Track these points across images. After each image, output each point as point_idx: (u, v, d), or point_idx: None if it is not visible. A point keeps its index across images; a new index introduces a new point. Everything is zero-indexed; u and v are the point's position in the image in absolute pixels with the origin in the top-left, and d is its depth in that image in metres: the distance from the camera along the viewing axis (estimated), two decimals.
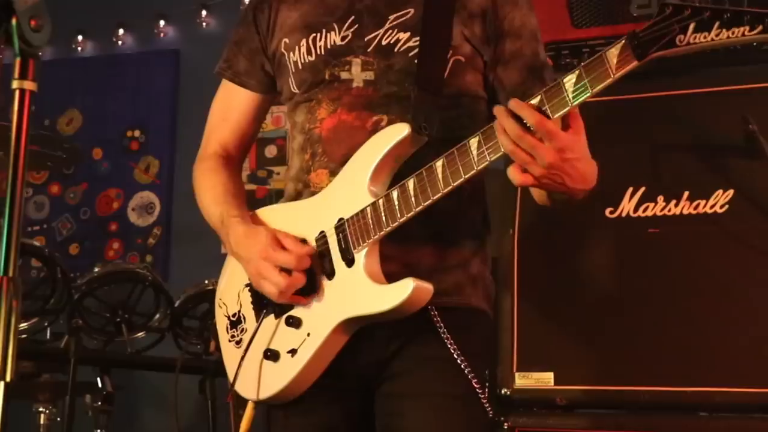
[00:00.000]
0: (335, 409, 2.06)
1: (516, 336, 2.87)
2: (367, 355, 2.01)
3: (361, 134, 2.00)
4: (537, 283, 2.88)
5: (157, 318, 3.86)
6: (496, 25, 2.06)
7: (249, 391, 2.07)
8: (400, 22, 2.04)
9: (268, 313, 2.06)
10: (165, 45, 5.36)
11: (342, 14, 2.08)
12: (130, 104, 5.33)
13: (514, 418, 2.82)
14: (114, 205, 5.31)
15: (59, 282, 3.55)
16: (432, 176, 1.87)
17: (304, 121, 2.11)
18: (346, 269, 1.96)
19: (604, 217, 2.83)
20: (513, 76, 2.07)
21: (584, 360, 2.79)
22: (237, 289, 2.14)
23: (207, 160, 2.25)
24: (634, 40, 1.67)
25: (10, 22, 1.24)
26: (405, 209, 1.89)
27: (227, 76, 2.26)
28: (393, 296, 1.89)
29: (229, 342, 2.15)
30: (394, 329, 1.97)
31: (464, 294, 2.05)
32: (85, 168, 5.36)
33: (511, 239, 2.92)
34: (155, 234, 5.18)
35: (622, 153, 2.84)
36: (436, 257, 2.01)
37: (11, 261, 1.21)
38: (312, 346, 1.98)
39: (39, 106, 5.50)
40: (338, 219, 1.98)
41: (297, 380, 2.00)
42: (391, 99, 2.02)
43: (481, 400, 2.01)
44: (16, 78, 1.28)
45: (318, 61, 2.08)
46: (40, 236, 5.36)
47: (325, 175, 2.05)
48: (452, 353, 1.98)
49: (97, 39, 5.54)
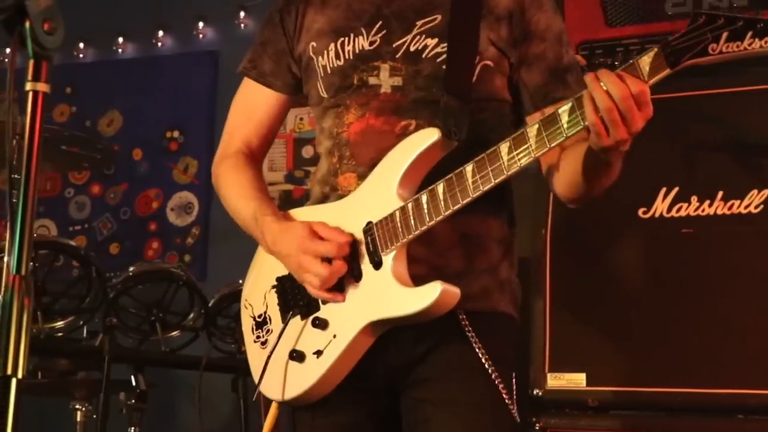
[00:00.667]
0: (361, 411, 2.07)
1: (548, 336, 2.87)
2: (394, 358, 2.01)
3: (390, 138, 2.01)
4: (569, 284, 2.87)
5: (191, 317, 3.89)
6: (522, 27, 2.07)
7: (274, 391, 2.08)
8: (427, 28, 2.06)
9: (295, 315, 2.07)
10: (204, 46, 5.39)
11: (369, 19, 2.10)
12: (170, 105, 5.37)
13: (546, 419, 2.82)
14: (153, 205, 5.35)
15: (95, 281, 3.60)
16: (462, 181, 1.88)
17: (332, 126, 2.13)
18: (373, 272, 1.97)
19: (637, 217, 2.82)
20: (536, 77, 2.08)
21: (616, 361, 2.78)
22: (263, 290, 2.16)
23: (230, 157, 2.27)
24: (667, 48, 1.69)
25: (24, 25, 1.26)
26: (434, 213, 1.90)
27: (252, 75, 2.28)
28: (420, 299, 1.89)
29: (254, 342, 2.17)
30: (420, 332, 1.98)
31: (492, 299, 2.06)
32: (126, 168, 5.41)
33: (544, 239, 2.92)
34: (194, 234, 5.22)
35: (655, 153, 2.83)
36: (465, 261, 2.02)
37: (23, 260, 1.22)
38: (338, 347, 1.99)
39: (80, 108, 5.58)
40: (366, 222, 1.99)
41: (322, 381, 2.01)
42: (419, 104, 2.03)
43: (509, 406, 2.01)
44: (30, 80, 1.30)
45: (346, 65, 2.10)
46: (81, 236, 5.42)
47: (353, 179, 2.07)
48: (480, 358, 1.99)
49: (137, 41, 5.58)
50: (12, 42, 1.27)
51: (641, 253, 2.83)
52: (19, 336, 1.20)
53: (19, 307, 1.22)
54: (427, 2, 2.08)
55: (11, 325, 1.22)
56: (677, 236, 2.77)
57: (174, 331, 3.88)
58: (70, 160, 3.68)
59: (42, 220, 5.51)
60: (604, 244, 2.87)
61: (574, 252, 2.89)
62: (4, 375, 1.21)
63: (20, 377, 1.22)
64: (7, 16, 1.25)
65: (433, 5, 2.07)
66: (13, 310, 1.22)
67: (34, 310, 3.45)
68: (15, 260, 1.23)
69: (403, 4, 2.09)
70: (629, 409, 2.78)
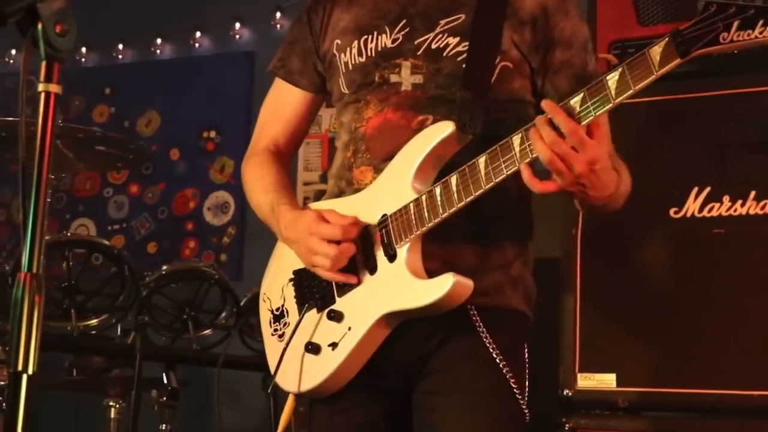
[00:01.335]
0: (377, 409, 2.08)
1: (578, 337, 2.86)
2: (407, 352, 2.03)
3: (406, 133, 2.03)
4: (599, 284, 2.86)
5: (223, 316, 3.92)
6: (545, 34, 2.09)
7: (290, 383, 2.11)
8: (450, 27, 2.07)
9: (311, 307, 2.09)
10: (240, 47, 5.43)
11: (394, 18, 2.12)
12: (206, 105, 5.42)
13: (576, 420, 2.81)
14: (190, 204, 5.40)
15: (128, 280, 3.64)
16: (474, 173, 1.89)
17: (350, 121, 2.15)
18: (388, 264, 1.99)
19: (669, 217, 2.80)
20: (562, 84, 2.09)
21: (647, 362, 2.77)
22: (281, 284, 2.19)
23: (257, 155, 2.30)
24: (678, 37, 1.68)
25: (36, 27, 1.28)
26: (447, 205, 1.92)
27: (280, 74, 2.31)
28: (433, 291, 1.91)
29: (271, 336, 2.20)
30: (433, 326, 1.99)
31: (504, 295, 2.06)
32: (163, 168, 5.47)
33: (574, 239, 2.91)
34: (230, 233, 5.26)
35: (687, 152, 2.81)
36: (478, 257, 2.03)
37: (35, 258, 1.25)
38: (353, 339, 2.00)
39: (119, 108, 5.65)
40: (382, 215, 2.01)
41: (337, 373, 2.03)
42: (438, 101, 2.05)
43: (518, 401, 2.02)
44: (42, 81, 1.32)
45: (368, 62, 2.12)
46: (120, 235, 5.49)
47: (369, 172, 2.09)
48: (491, 352, 2.00)
49: (175, 42, 5.64)
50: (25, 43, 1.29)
51: (672, 254, 2.81)
52: (30, 333, 1.23)
53: (30, 304, 1.24)
54: (452, 2, 2.09)
55: (22, 322, 1.24)
56: (709, 236, 2.74)
57: (206, 329, 3.92)
58: (104, 160, 3.73)
59: (81, 220, 5.58)
60: (635, 244, 2.86)
61: (604, 252, 2.88)
62: (16, 371, 1.23)
63: (31, 373, 1.23)
64: (19, 18, 1.27)
65: (457, 4, 2.09)
66: (24, 307, 1.24)
67: (68, 308, 3.51)
68: (26, 259, 1.25)
69: (428, 3, 2.11)
70: (660, 410, 2.76)
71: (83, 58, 5.80)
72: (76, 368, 3.81)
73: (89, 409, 4.32)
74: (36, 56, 1.27)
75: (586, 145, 1.76)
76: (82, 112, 5.73)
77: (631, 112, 2.84)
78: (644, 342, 2.78)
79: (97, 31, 5.70)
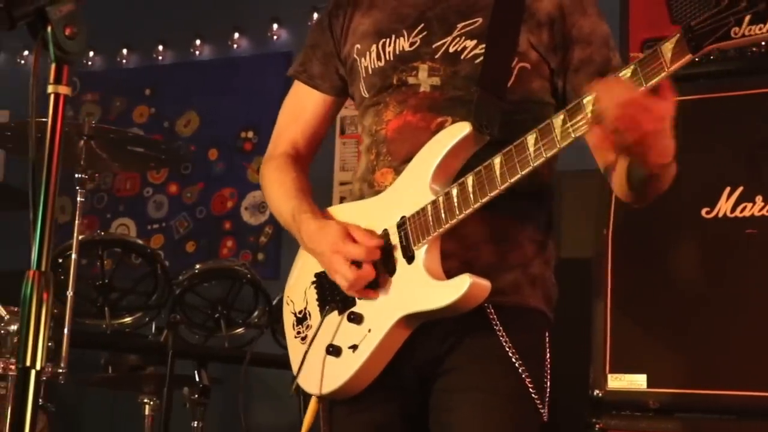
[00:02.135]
0: (395, 409, 2.09)
1: (609, 337, 2.85)
2: (424, 352, 2.03)
3: (426, 134, 2.04)
4: (631, 284, 2.85)
5: (256, 314, 3.95)
6: (563, 34, 2.08)
7: (312, 385, 2.12)
8: (467, 30, 2.08)
9: (332, 310, 2.10)
10: (278, 48, 5.46)
11: (412, 22, 2.13)
12: (244, 106, 5.45)
13: (606, 420, 2.80)
14: (228, 204, 5.44)
15: (161, 278, 3.68)
16: (490, 173, 1.89)
17: (371, 124, 2.16)
18: (406, 266, 1.99)
19: (700, 217, 2.78)
20: (582, 82, 2.06)
21: (678, 362, 2.75)
22: (304, 287, 2.20)
23: (276, 158, 2.31)
24: (689, 33, 1.66)
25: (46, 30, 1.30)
26: (464, 206, 1.92)
27: (302, 78, 2.32)
28: (450, 292, 1.91)
29: (294, 338, 2.21)
30: (451, 325, 1.99)
31: (522, 294, 2.05)
32: (202, 168, 5.52)
33: (605, 239, 2.90)
34: (267, 232, 5.29)
35: (719, 152, 2.79)
36: (496, 256, 2.03)
37: (43, 256, 1.27)
38: (373, 341, 2.01)
39: (159, 109, 5.70)
40: (400, 217, 2.01)
41: (358, 375, 2.03)
42: (456, 102, 2.05)
43: (534, 400, 2.00)
44: (51, 83, 1.34)
45: (387, 66, 2.13)
46: (159, 234, 5.54)
47: (389, 174, 2.10)
48: (507, 351, 1.99)
49: (213, 43, 5.69)
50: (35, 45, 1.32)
51: (704, 254, 2.79)
52: (38, 329, 1.25)
53: (38, 302, 1.26)
54: (470, 5, 2.10)
55: (30, 319, 1.26)
56: (741, 236, 2.72)
57: (238, 328, 3.95)
58: (137, 160, 3.77)
59: (122, 219, 5.64)
60: (667, 244, 2.84)
61: (635, 252, 2.87)
62: (24, 367, 1.25)
63: (38, 369, 1.26)
64: (29, 21, 1.29)
65: (475, 8, 2.09)
66: (32, 304, 1.27)
67: (101, 305, 3.56)
68: (35, 256, 1.27)
69: (447, 7, 2.12)
70: (691, 411, 2.74)
71: (124, 60, 5.86)
72: (111, 366, 3.87)
73: (125, 406, 4.37)
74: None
75: (651, 102, 1.69)
76: (123, 112, 5.80)
77: None
78: (675, 343, 2.76)
79: (138, 33, 5.77)
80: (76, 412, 5.28)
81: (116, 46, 5.84)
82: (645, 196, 2.01)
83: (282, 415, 4.57)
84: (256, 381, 4.77)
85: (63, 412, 4.93)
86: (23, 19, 1.27)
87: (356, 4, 2.24)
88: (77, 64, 1.37)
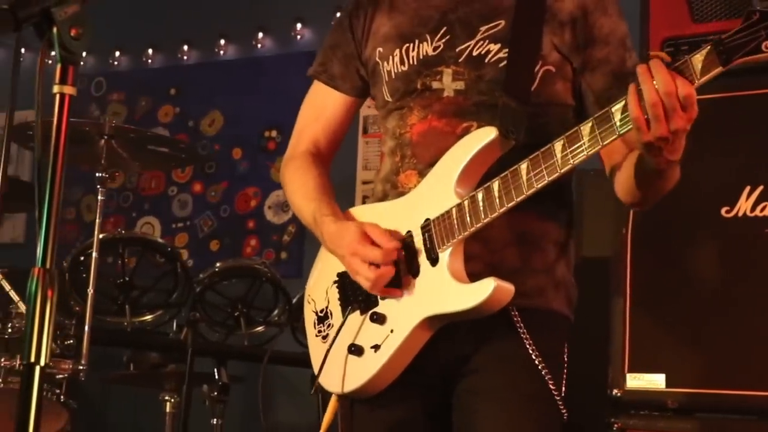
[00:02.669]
0: (416, 406, 2.10)
1: (627, 337, 2.84)
2: (448, 352, 2.05)
3: (451, 139, 2.05)
4: (649, 283, 2.84)
5: (276, 313, 3.96)
6: (585, 32, 2.09)
7: (333, 384, 2.13)
8: (490, 33, 2.08)
9: (354, 310, 2.12)
10: (302, 47, 5.48)
11: (435, 25, 2.14)
12: (268, 105, 5.47)
13: (624, 420, 2.80)
14: (252, 203, 5.46)
15: (181, 276, 3.71)
16: (516, 178, 1.90)
17: (395, 127, 2.17)
18: (430, 268, 2.00)
19: (720, 216, 2.77)
20: (600, 81, 2.09)
21: (697, 362, 2.74)
22: (325, 286, 2.21)
23: (297, 158, 2.32)
24: (720, 46, 1.68)
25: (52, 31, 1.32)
26: (489, 210, 1.93)
27: (322, 78, 2.33)
28: (474, 295, 1.92)
29: (315, 337, 2.22)
30: (475, 327, 2.01)
31: (546, 297, 2.07)
32: (226, 167, 5.55)
33: (624, 238, 2.90)
34: (290, 231, 5.31)
35: (739, 151, 2.79)
36: (521, 259, 2.04)
37: (48, 254, 1.29)
38: (395, 342, 2.02)
39: (184, 108, 5.74)
40: (425, 219, 2.03)
41: (379, 375, 2.05)
42: (481, 107, 2.06)
43: (557, 401, 2.02)
44: (57, 83, 1.36)
45: (410, 71, 2.14)
46: (184, 233, 5.57)
47: (414, 176, 2.11)
48: (530, 353, 2.01)
49: (238, 43, 5.71)
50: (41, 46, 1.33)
51: (723, 253, 2.78)
52: (42, 325, 1.27)
53: (42, 298, 1.28)
54: (492, 8, 2.10)
55: (35, 316, 1.28)
56: (761, 236, 2.71)
57: (258, 326, 3.96)
58: (157, 159, 3.80)
59: (147, 218, 5.68)
60: (686, 243, 2.83)
61: (654, 251, 2.86)
62: (29, 362, 1.27)
63: (42, 365, 1.28)
64: (35, 22, 1.31)
65: (497, 11, 2.10)
66: (36, 301, 1.28)
67: (122, 303, 3.59)
68: (40, 254, 1.29)
69: (469, 10, 2.12)
70: (710, 411, 2.73)
71: (149, 60, 5.90)
72: (133, 363, 3.90)
73: (147, 403, 4.40)
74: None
75: (695, 106, 1.72)
76: (148, 112, 5.84)
77: None
78: (694, 342, 2.75)
79: (163, 33, 5.81)
80: (100, 409, 5.32)
81: (142, 47, 5.88)
82: (648, 196, 2.02)
83: (304, 413, 4.59)
84: (279, 378, 4.80)
85: (87, 409, 4.97)
86: (28, 21, 1.29)
87: (377, 3, 2.24)
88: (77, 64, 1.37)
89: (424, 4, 2.17)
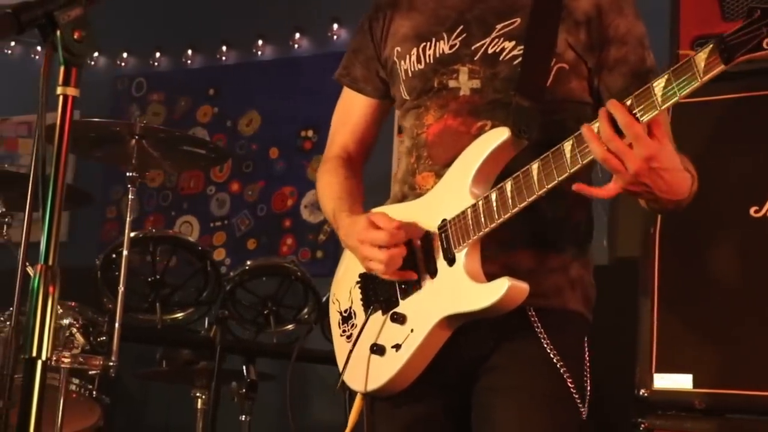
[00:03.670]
0: (437, 403, 2.13)
1: (655, 337, 2.83)
2: (468, 351, 2.08)
3: (466, 139, 2.07)
4: (677, 284, 2.83)
5: (306, 311, 3.99)
6: (600, 32, 2.09)
7: (357, 383, 2.18)
8: (506, 31, 2.10)
9: (376, 310, 2.16)
10: (338, 47, 5.49)
11: (451, 24, 2.16)
12: (305, 105, 5.50)
13: (651, 420, 2.79)
14: (288, 202, 5.50)
15: (210, 275, 3.75)
16: (528, 179, 1.92)
17: (412, 126, 2.20)
18: (447, 268, 2.04)
19: (749, 216, 2.75)
20: (617, 81, 2.09)
21: (724, 363, 2.73)
22: (349, 287, 2.25)
23: (329, 161, 2.36)
24: (722, 44, 1.68)
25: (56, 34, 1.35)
26: (502, 210, 1.95)
27: (345, 82, 2.37)
28: (489, 295, 1.95)
29: (340, 336, 2.27)
30: (494, 327, 2.03)
31: (562, 297, 2.09)
32: (263, 167, 5.60)
33: (652, 239, 2.89)
34: (325, 230, 5.34)
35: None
36: (536, 260, 2.06)
37: (51, 251, 1.32)
38: (415, 341, 2.06)
39: (222, 108, 5.79)
40: (442, 220, 2.05)
41: (401, 374, 2.08)
42: (496, 105, 2.08)
43: (575, 400, 2.04)
44: (60, 84, 1.39)
45: (427, 69, 2.16)
46: (221, 232, 5.62)
47: (430, 178, 2.13)
48: (548, 353, 2.03)
49: (275, 43, 5.76)
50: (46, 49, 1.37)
51: (752, 254, 2.76)
52: (44, 321, 1.30)
53: (44, 294, 1.31)
54: (509, 6, 2.12)
55: (37, 312, 1.31)
56: None
57: (288, 324, 3.99)
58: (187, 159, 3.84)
59: (186, 217, 5.75)
60: (714, 243, 2.81)
61: (683, 251, 2.85)
62: (30, 357, 1.30)
63: (44, 359, 1.31)
64: (39, 25, 1.34)
65: (513, 9, 2.11)
66: (38, 297, 1.32)
67: (153, 301, 3.64)
68: (43, 251, 1.32)
69: (485, 9, 2.14)
70: (737, 412, 2.71)
71: (189, 60, 5.96)
72: (166, 360, 3.95)
73: (181, 399, 4.45)
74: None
75: (641, 141, 1.75)
76: (188, 112, 5.90)
77: (710, 109, 2.80)
78: (722, 343, 2.74)
79: (202, 33, 5.87)
80: (138, 406, 5.40)
81: (182, 47, 5.95)
82: (666, 212, 2.09)
83: (336, 411, 4.61)
84: (312, 376, 4.83)
85: (125, 405, 5.04)
86: (31, 24, 1.32)
87: (396, 6, 2.27)
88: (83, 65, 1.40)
89: (442, 3, 2.19)
